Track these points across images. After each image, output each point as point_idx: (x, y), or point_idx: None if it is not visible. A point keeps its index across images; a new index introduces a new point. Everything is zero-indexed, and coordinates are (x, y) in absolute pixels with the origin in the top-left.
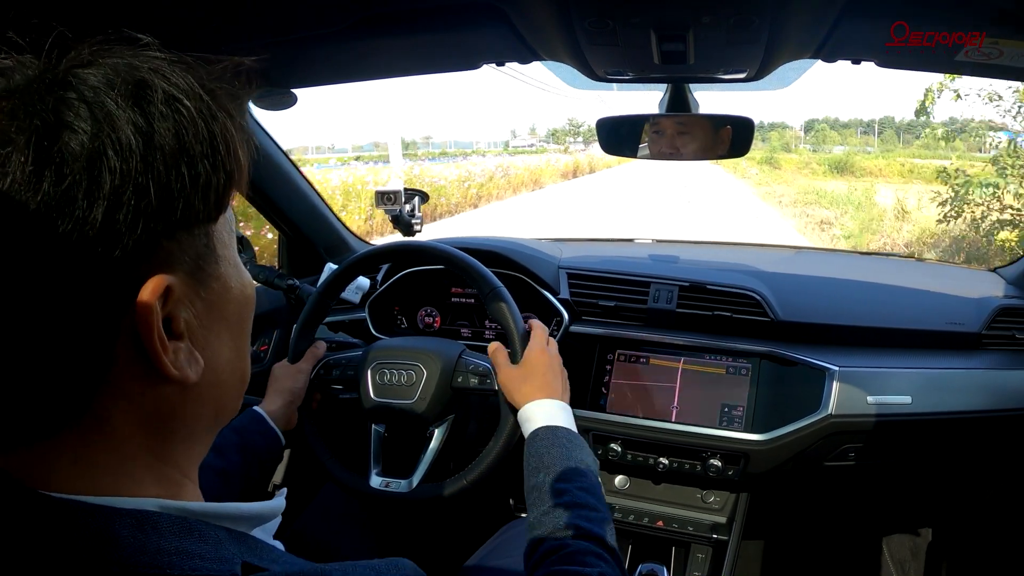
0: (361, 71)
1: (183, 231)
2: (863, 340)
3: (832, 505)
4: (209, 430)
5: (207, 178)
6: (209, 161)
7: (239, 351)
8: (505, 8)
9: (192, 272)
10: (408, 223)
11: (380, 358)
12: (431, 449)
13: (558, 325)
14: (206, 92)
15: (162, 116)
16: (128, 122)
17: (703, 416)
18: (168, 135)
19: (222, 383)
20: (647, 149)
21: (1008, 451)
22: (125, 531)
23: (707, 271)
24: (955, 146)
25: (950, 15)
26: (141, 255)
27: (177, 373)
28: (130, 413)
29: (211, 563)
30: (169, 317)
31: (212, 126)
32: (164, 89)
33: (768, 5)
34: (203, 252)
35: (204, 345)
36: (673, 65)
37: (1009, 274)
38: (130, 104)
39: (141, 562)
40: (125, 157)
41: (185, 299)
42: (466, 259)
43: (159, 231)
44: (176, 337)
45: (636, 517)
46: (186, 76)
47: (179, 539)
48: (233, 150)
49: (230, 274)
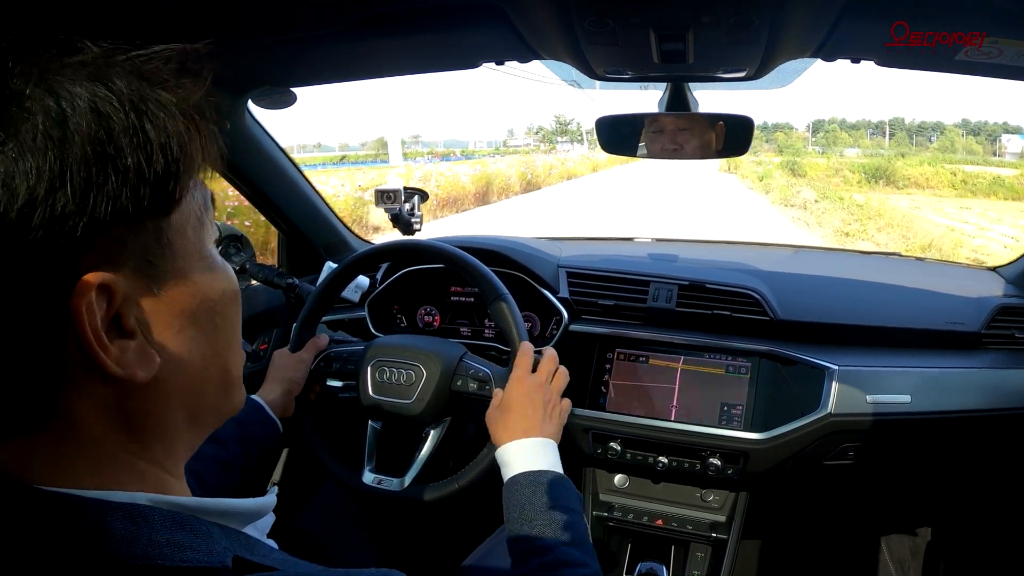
0: (361, 71)
1: (121, 227)
2: (862, 339)
3: (831, 504)
4: (188, 430)
5: (138, 171)
6: (141, 153)
7: (216, 347)
8: (505, 8)
9: (140, 268)
10: (408, 222)
11: (381, 355)
12: (425, 450)
13: (557, 324)
14: (140, 81)
15: (82, 112)
16: (44, 116)
17: (703, 415)
18: (86, 131)
19: (193, 380)
20: (647, 148)
21: (1008, 451)
22: (117, 523)
23: (707, 270)
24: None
25: (950, 15)
26: (67, 254)
27: (121, 371)
28: (97, 412)
29: (202, 555)
30: (119, 315)
31: (142, 118)
32: (89, 84)
33: (768, 5)
34: (152, 247)
35: (164, 343)
36: (673, 64)
37: (1009, 273)
38: (47, 94)
39: (133, 553)
40: (37, 156)
41: (135, 296)
42: (467, 259)
43: (84, 230)
44: (127, 335)
45: (635, 516)
46: (123, 69)
47: (170, 532)
48: (176, 140)
49: (192, 267)
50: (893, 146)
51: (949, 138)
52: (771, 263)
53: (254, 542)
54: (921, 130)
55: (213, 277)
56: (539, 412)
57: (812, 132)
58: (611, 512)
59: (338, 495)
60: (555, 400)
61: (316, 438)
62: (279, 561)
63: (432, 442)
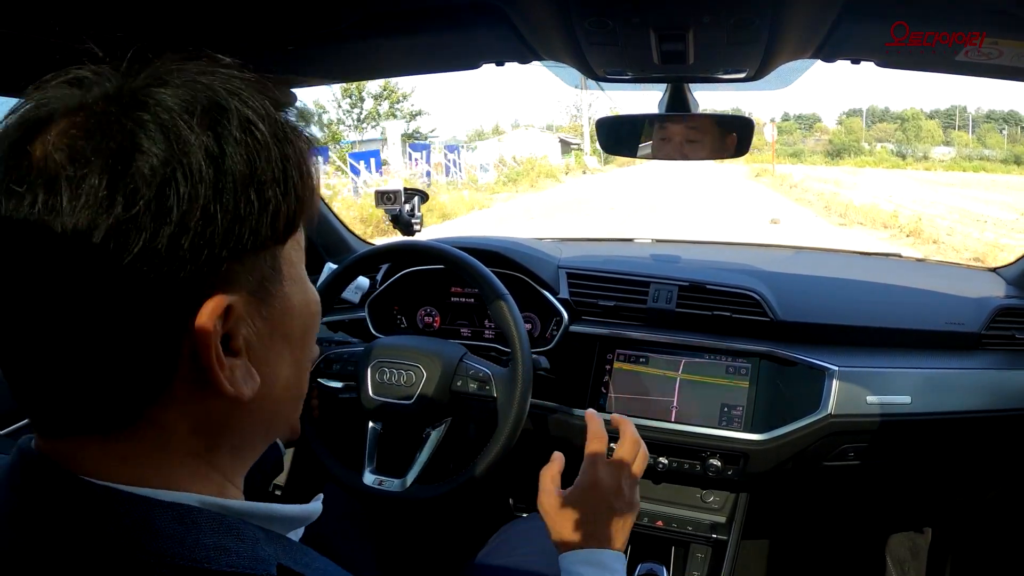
0: (361, 71)
1: (250, 254)
2: (863, 340)
3: (832, 505)
4: (261, 441)
5: (276, 204)
6: (280, 187)
7: (298, 366)
8: (505, 8)
9: (255, 292)
10: (408, 223)
11: (381, 356)
12: (426, 450)
13: (557, 325)
14: (280, 115)
15: (236, 141)
16: (200, 147)
17: (703, 416)
18: (240, 161)
19: (277, 398)
20: (647, 149)
21: (1008, 451)
22: (164, 522)
23: (707, 271)
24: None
25: (950, 15)
26: (205, 277)
27: (232, 390)
28: (183, 421)
29: (247, 561)
30: (229, 334)
31: (286, 150)
32: (240, 113)
33: (768, 5)
34: (268, 273)
35: (263, 362)
36: (673, 65)
37: (1009, 274)
38: (204, 129)
39: (178, 554)
40: (195, 183)
41: (246, 317)
42: (467, 259)
43: (224, 256)
44: (234, 354)
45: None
46: (262, 99)
47: (217, 536)
48: (305, 174)
49: (294, 292)
50: (988, 141)
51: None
52: (771, 264)
53: (298, 549)
54: (991, 117)
55: (308, 300)
56: (619, 520)
57: (866, 123)
58: None
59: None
60: (636, 503)
61: (317, 439)
62: (321, 571)
63: (433, 443)
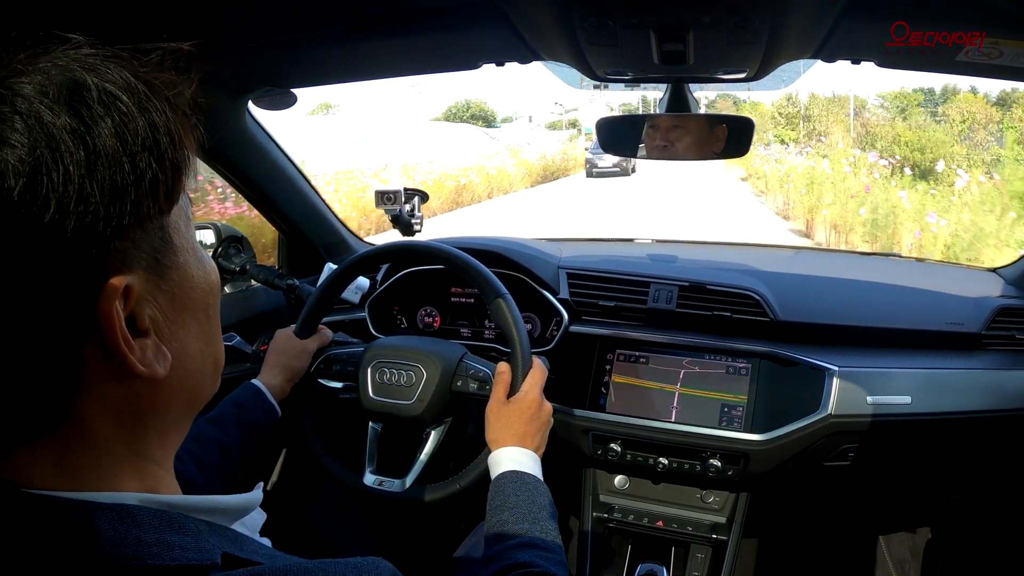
0: (361, 71)
1: (136, 229)
2: (863, 340)
3: (832, 505)
4: (183, 418)
5: (153, 174)
6: (154, 155)
7: (208, 337)
8: (505, 8)
9: (150, 267)
10: (408, 223)
11: (381, 356)
12: (426, 451)
13: (558, 325)
14: (143, 83)
15: (99, 116)
16: (65, 129)
17: (703, 416)
18: (107, 135)
19: (193, 372)
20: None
21: (1008, 451)
22: (105, 524)
23: (707, 271)
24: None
25: (950, 15)
26: (95, 260)
27: (146, 370)
28: (105, 413)
29: (191, 553)
30: (133, 315)
31: (152, 118)
32: (99, 87)
33: (768, 6)
34: (159, 245)
35: (171, 338)
36: (673, 65)
37: (1009, 274)
38: (65, 109)
39: (122, 554)
40: (65, 165)
41: (147, 295)
42: (466, 259)
43: (110, 234)
44: (142, 334)
45: (636, 517)
46: (121, 71)
47: (158, 531)
48: (178, 140)
49: (189, 262)
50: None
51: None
52: (771, 264)
53: (243, 538)
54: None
55: (204, 269)
56: (540, 433)
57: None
58: (611, 513)
59: (339, 496)
60: (550, 422)
61: (317, 440)
62: (267, 556)
63: (433, 443)
